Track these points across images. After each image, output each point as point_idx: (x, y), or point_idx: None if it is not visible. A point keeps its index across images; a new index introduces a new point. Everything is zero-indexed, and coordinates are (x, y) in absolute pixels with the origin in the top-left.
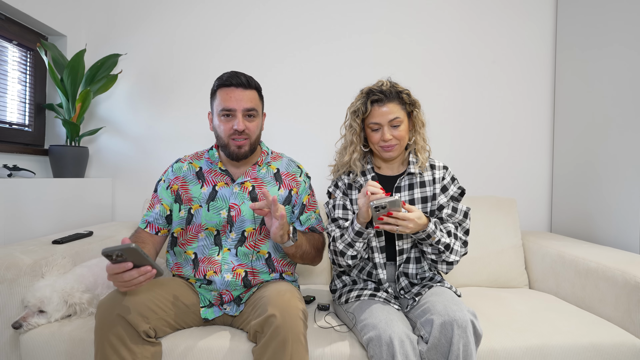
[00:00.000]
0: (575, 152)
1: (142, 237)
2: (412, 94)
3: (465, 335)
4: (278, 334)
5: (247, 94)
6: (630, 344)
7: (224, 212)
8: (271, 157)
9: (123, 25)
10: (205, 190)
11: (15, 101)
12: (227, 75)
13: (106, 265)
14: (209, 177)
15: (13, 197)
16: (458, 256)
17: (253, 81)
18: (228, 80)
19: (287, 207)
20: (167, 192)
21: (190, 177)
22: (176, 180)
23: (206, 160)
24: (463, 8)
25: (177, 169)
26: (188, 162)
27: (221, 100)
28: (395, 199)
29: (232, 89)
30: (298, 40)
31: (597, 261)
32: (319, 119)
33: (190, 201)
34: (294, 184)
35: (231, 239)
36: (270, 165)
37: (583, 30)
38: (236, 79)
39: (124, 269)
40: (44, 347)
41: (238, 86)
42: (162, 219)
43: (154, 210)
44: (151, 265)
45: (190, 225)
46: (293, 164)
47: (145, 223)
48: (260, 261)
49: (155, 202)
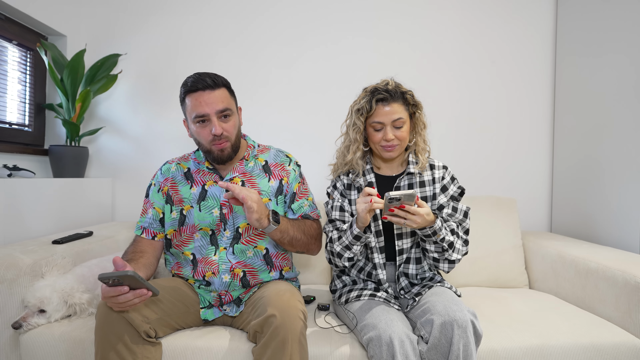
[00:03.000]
0: (575, 152)
1: (141, 247)
2: (415, 95)
3: (466, 335)
4: (278, 334)
5: (217, 95)
6: (630, 344)
7: (215, 210)
8: (258, 150)
9: (123, 25)
10: (195, 190)
11: (15, 101)
12: (192, 80)
13: (101, 288)
14: (197, 177)
15: (13, 197)
16: (460, 255)
17: (219, 79)
18: (194, 85)
19: (280, 198)
20: (159, 195)
21: (179, 177)
22: (166, 182)
23: (193, 160)
24: (463, 8)
25: (166, 171)
26: (176, 163)
27: (192, 107)
28: (411, 193)
29: (200, 93)
30: (299, 42)
31: (597, 261)
32: (319, 119)
33: (181, 202)
34: (283, 174)
35: (226, 237)
36: (257, 158)
37: (583, 30)
38: (202, 82)
39: (120, 293)
40: (44, 347)
41: (205, 89)
42: (156, 222)
43: (147, 216)
44: (147, 288)
45: (183, 227)
46: (281, 154)
47: (141, 229)
48: (258, 257)
49: (147, 207)
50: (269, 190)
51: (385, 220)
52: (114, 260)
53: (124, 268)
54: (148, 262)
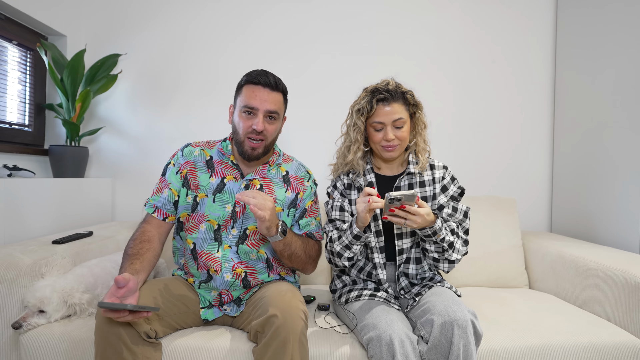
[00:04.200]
0: (575, 152)
1: (149, 235)
2: (415, 95)
3: (466, 335)
4: (279, 334)
5: (273, 96)
6: (630, 344)
7: (229, 206)
8: (282, 159)
9: (123, 25)
10: (214, 180)
11: (15, 101)
12: (257, 73)
13: (101, 310)
14: (218, 168)
15: (13, 197)
16: (460, 255)
17: (281, 84)
18: (256, 78)
19: (292, 210)
20: (177, 177)
21: (200, 163)
22: (186, 164)
23: (218, 150)
24: (463, 8)
25: (188, 153)
26: (200, 148)
27: (245, 97)
28: (412, 193)
29: (259, 88)
30: (299, 42)
31: (597, 261)
32: (319, 118)
33: (197, 188)
34: (301, 188)
35: (232, 236)
36: (280, 167)
37: (583, 30)
38: (264, 78)
39: (119, 316)
40: (44, 347)
41: (265, 86)
42: (170, 204)
43: (162, 195)
44: (146, 311)
45: (194, 213)
46: (302, 169)
47: (153, 208)
48: (261, 261)
49: (163, 187)
50: (284, 201)
51: (386, 220)
52: (115, 279)
53: (125, 284)
54: (153, 255)
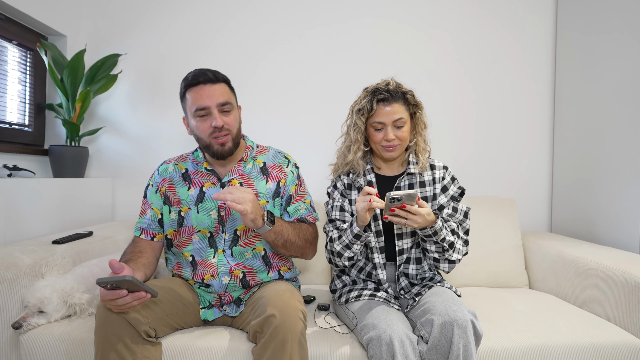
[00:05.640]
0: (575, 152)
1: (140, 247)
2: (415, 95)
3: (466, 335)
4: (277, 334)
5: (218, 88)
6: (630, 344)
7: (213, 212)
8: (256, 151)
9: (123, 25)
10: (193, 192)
11: (15, 101)
12: (193, 74)
13: (100, 291)
14: (195, 179)
15: (13, 197)
16: (460, 255)
17: (220, 74)
18: (195, 79)
19: (277, 200)
20: (157, 196)
21: (176, 178)
22: (163, 182)
23: (191, 161)
24: (463, 7)
25: (163, 171)
26: (173, 163)
27: (193, 101)
28: (412, 193)
29: (201, 87)
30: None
31: (597, 261)
32: (319, 118)
33: (179, 203)
34: (281, 175)
35: (225, 240)
36: (256, 160)
37: (583, 30)
38: (203, 75)
39: (118, 296)
40: (44, 347)
41: (206, 82)
42: (155, 223)
43: (145, 217)
44: (145, 291)
45: (182, 228)
46: (280, 155)
47: (140, 230)
48: (257, 259)
49: (146, 208)
50: (267, 193)
51: (386, 220)
52: (110, 263)
53: (121, 271)
54: (147, 262)
